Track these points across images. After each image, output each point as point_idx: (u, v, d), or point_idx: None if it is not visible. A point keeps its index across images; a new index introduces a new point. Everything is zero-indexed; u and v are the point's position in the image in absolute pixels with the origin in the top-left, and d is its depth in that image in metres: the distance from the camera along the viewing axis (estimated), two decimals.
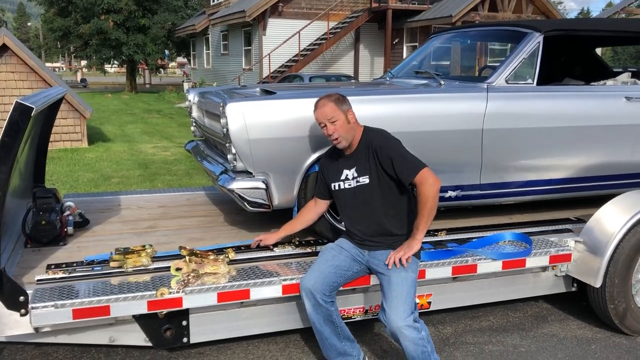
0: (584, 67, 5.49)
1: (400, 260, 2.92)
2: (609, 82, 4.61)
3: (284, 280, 3.09)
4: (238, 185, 3.38)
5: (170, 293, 2.90)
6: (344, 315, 3.41)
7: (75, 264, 3.23)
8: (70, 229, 3.75)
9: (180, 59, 51.08)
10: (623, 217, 3.64)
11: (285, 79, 16.79)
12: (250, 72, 22.38)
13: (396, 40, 22.02)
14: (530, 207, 4.43)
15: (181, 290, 2.92)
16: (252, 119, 3.30)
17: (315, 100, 3.40)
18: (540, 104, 3.89)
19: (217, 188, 4.75)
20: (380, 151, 2.93)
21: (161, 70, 37.45)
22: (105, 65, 34.79)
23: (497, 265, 3.49)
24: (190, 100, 4.71)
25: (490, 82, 3.85)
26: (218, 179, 3.56)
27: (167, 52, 32.98)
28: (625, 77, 4.63)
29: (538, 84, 3.94)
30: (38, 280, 3.00)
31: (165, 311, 2.98)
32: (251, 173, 3.43)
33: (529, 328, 3.95)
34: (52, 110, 4.23)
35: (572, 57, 5.44)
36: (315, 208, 3.33)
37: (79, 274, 3.10)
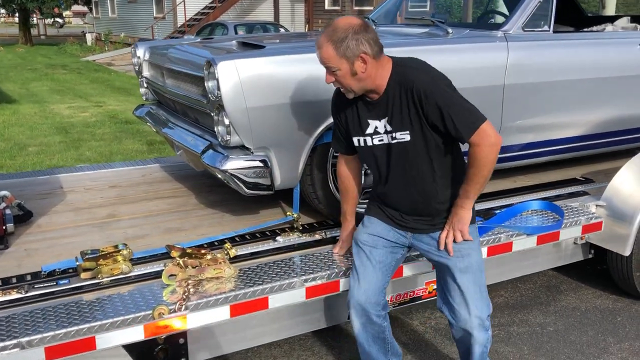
0: (565, 12, 5.13)
1: (454, 240, 2.29)
2: (608, 27, 4.25)
3: (306, 281, 2.52)
4: (235, 165, 2.72)
5: (171, 312, 2.25)
6: None
7: (30, 278, 2.49)
8: (10, 226, 2.97)
9: (77, 7, 47.18)
10: None
11: (206, 28, 15.61)
12: (164, 20, 20.77)
13: None
14: (527, 167, 4.06)
15: (183, 307, 2.28)
16: (250, 82, 2.63)
17: None
18: (561, 54, 3.46)
19: (182, 160, 4.05)
20: (426, 98, 2.09)
21: (59, 20, 34.32)
22: None
23: (532, 241, 3.08)
24: (139, 57, 3.91)
25: (507, 30, 3.35)
26: (202, 156, 2.88)
27: None
28: (624, 21, 4.29)
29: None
30: None
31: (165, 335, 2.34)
32: (248, 149, 2.77)
33: (547, 302, 3.63)
34: None
35: None
36: (352, 169, 2.50)
37: (40, 291, 2.37)
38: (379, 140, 2.25)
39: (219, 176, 2.86)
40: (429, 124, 2.15)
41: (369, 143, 2.28)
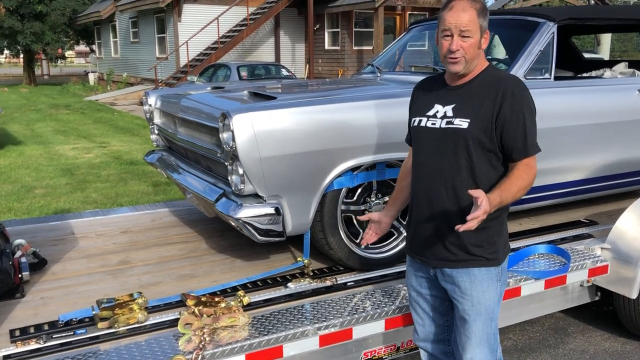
0: (564, 56, 5.27)
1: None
2: (607, 73, 4.37)
3: (319, 329, 2.55)
4: (248, 213, 2.78)
5: None
6: (372, 356, 2.93)
7: (48, 327, 2.53)
8: (26, 275, 3.01)
9: (80, 47, 47.91)
10: None
11: (209, 69, 15.85)
12: (166, 61, 21.09)
13: (317, 26, 21.50)
14: (533, 210, 4.12)
15: (200, 356, 2.31)
16: (264, 133, 2.71)
17: (333, 105, 2.90)
18: (562, 100, 3.56)
19: (191, 204, 4.12)
20: (512, 99, 2.09)
21: (61, 60, 34.83)
22: None
23: (539, 286, 3.13)
24: (150, 105, 4.01)
25: None
26: (216, 204, 2.95)
27: (64, 39, 30.75)
28: (622, 67, 4.41)
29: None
30: (5, 357, 2.29)
31: None
32: (261, 197, 2.84)
33: (555, 344, 3.64)
34: None
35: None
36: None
37: (58, 341, 2.41)
38: (431, 124, 2.22)
39: (232, 223, 2.92)
40: (496, 124, 2.11)
41: (422, 124, 2.26)
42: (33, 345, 2.36)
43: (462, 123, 2.14)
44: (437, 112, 2.23)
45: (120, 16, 25.20)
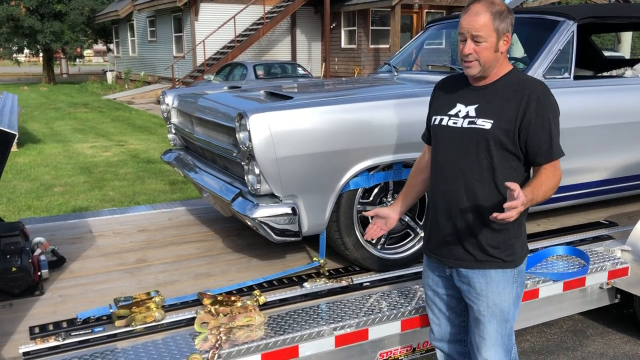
0: (583, 55, 5.20)
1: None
2: (628, 72, 4.31)
3: (335, 329, 2.55)
4: (265, 213, 2.78)
5: None
6: (388, 357, 2.92)
7: (66, 324, 2.55)
8: (45, 272, 3.04)
9: (97, 47, 48.32)
10: None
11: (226, 67, 15.91)
12: (183, 60, 21.21)
13: (333, 25, 21.47)
14: (551, 210, 4.08)
15: (217, 355, 2.32)
16: (280, 133, 2.71)
17: (350, 105, 2.89)
18: (582, 100, 3.51)
19: (208, 203, 4.13)
20: (537, 104, 2.07)
21: (79, 59, 35.18)
22: (18, 56, 32.28)
23: (558, 288, 3.09)
24: (168, 104, 4.03)
25: None
26: (232, 204, 2.95)
27: (82, 38, 31.08)
28: None
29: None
30: (24, 353, 2.32)
31: None
32: (277, 196, 2.84)
33: (573, 347, 3.60)
34: None
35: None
36: (427, 162, 2.42)
37: (76, 339, 2.43)
38: (453, 123, 2.22)
39: (248, 223, 2.93)
40: (520, 127, 2.10)
41: (443, 123, 2.24)
42: (52, 342, 2.39)
43: (485, 123, 2.13)
44: (459, 111, 2.22)
45: (137, 15, 25.38)
